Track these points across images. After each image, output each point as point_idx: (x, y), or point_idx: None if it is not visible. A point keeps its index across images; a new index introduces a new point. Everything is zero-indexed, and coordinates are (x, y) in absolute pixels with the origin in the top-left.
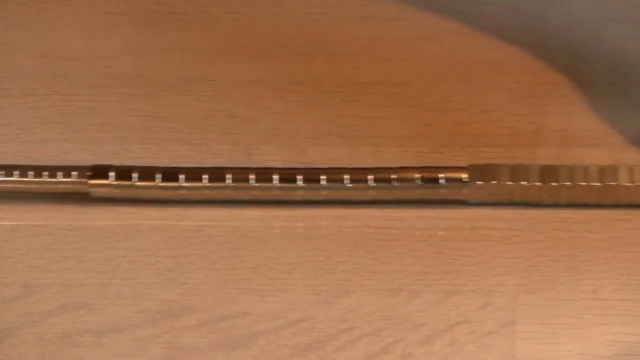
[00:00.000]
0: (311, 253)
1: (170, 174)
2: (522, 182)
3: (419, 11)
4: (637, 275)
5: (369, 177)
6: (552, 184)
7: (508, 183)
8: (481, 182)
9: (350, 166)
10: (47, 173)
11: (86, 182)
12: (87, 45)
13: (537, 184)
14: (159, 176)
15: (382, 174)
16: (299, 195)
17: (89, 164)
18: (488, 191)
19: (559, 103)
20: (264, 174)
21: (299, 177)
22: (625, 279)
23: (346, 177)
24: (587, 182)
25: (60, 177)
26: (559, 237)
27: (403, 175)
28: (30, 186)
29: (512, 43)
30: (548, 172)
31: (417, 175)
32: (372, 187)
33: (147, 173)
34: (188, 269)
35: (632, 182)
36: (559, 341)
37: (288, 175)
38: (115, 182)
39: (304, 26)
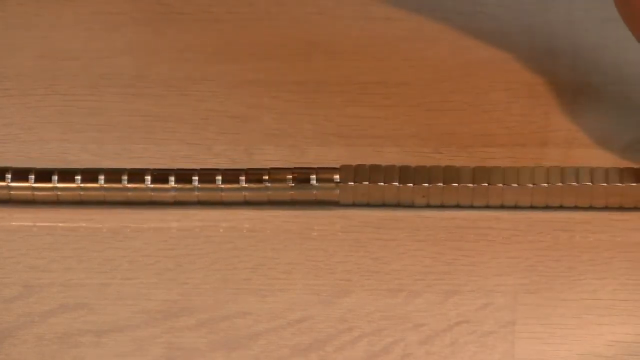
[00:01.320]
0: (311, 253)
1: (43, 174)
2: (394, 183)
3: (419, 11)
4: (637, 275)
5: (240, 178)
6: (424, 185)
7: (380, 184)
8: (353, 183)
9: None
10: None
11: None
12: (87, 45)
13: (409, 185)
14: (32, 177)
15: (254, 175)
16: (171, 196)
17: (89, 164)
18: (361, 192)
19: (559, 103)
20: (136, 174)
21: (171, 178)
22: (625, 279)
23: (218, 178)
24: (459, 184)
25: None
26: (559, 237)
27: (275, 176)
28: None
29: (513, 43)
30: (421, 173)
31: (289, 176)
32: (245, 188)
33: (20, 173)
34: (188, 269)
35: (503, 184)
36: (559, 341)
37: (160, 176)
38: None
39: (304, 26)
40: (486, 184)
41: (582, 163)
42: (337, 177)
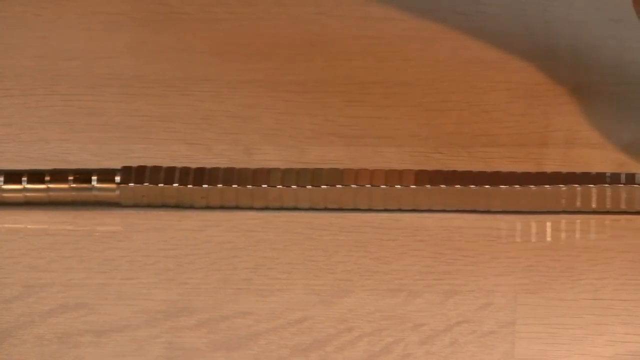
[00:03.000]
0: (311, 253)
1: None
2: (174, 185)
3: (419, 11)
4: (637, 275)
5: (23, 178)
6: (204, 186)
7: (160, 185)
8: (133, 184)
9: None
10: None
11: None
12: (87, 45)
13: (189, 186)
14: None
15: (36, 175)
16: None
17: (89, 164)
18: (141, 193)
19: (559, 103)
20: None
21: None
22: (625, 279)
23: (0, 178)
24: (239, 185)
25: None
26: (559, 237)
27: (56, 176)
28: None
29: (513, 43)
30: (201, 175)
31: (70, 177)
32: (26, 189)
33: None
34: (188, 269)
35: (282, 185)
36: (559, 341)
37: None
38: None
39: (304, 26)
40: (265, 186)
41: (582, 163)
42: (118, 178)
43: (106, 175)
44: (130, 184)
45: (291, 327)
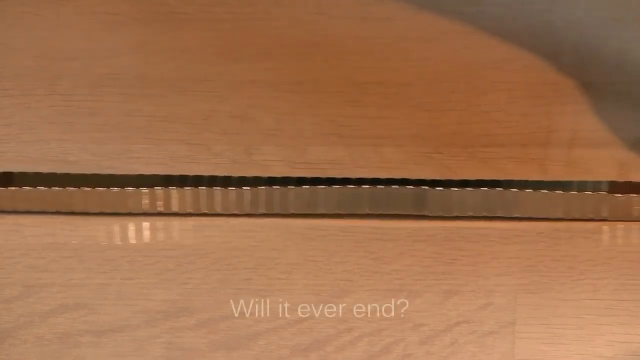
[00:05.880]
0: (311, 253)
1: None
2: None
3: (419, 11)
4: (637, 275)
5: None
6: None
7: None
8: None
9: (350, 166)
10: None
11: None
12: (87, 45)
13: None
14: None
15: None
16: None
17: (89, 164)
18: None
19: (559, 103)
20: None
21: None
22: (625, 279)
23: None
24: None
25: None
26: (559, 237)
27: None
28: None
29: (512, 43)
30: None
31: None
32: None
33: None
34: (188, 269)
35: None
36: (559, 341)
37: None
38: None
39: (304, 26)
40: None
41: (584, 163)
42: None
43: None
44: None
45: (291, 327)
